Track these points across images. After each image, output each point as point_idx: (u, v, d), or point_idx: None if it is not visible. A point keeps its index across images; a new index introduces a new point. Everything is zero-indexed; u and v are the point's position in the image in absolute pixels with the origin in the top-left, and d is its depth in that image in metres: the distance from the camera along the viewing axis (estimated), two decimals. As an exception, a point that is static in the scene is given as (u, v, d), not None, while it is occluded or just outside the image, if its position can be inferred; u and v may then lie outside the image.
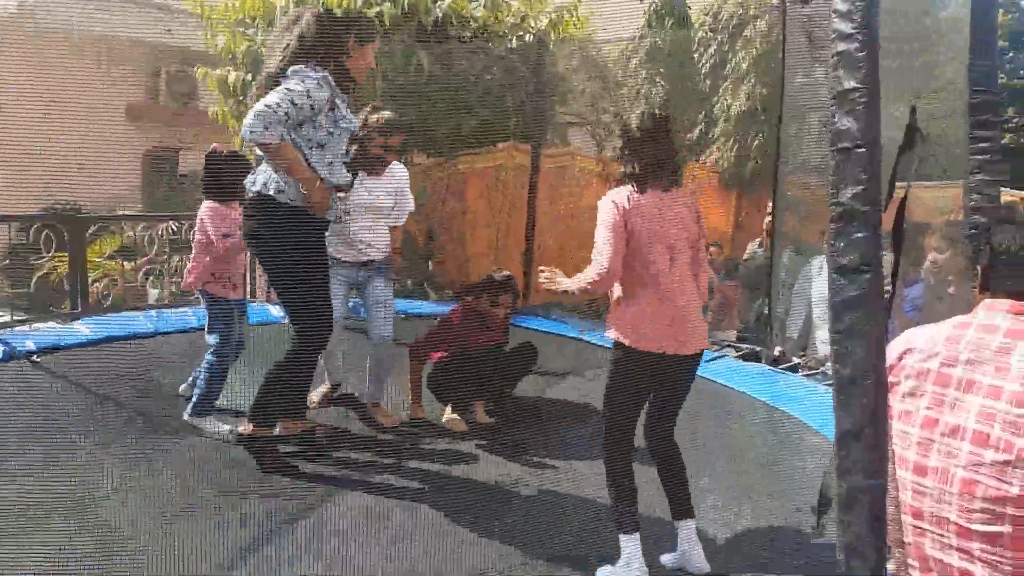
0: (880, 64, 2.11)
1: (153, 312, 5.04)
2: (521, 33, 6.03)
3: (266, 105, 2.88)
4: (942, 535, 1.72)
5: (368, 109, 3.80)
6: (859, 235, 1.59)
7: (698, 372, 3.93)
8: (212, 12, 6.01)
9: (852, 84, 1.56)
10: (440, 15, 5.69)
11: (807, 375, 4.52)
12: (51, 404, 3.65)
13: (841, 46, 1.58)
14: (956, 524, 1.67)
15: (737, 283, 5.88)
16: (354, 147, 3.55)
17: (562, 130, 6.88)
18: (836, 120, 1.61)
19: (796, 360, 4.70)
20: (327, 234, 3.32)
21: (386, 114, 3.80)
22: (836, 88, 1.60)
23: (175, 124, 8.48)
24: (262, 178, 3.07)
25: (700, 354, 2.77)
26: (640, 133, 2.73)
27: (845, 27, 1.56)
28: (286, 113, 2.89)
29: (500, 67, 5.68)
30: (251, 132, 2.86)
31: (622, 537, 2.60)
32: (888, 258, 1.88)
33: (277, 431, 3.27)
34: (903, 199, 2.42)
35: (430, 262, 6.63)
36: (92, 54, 6.93)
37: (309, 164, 3.03)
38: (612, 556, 2.61)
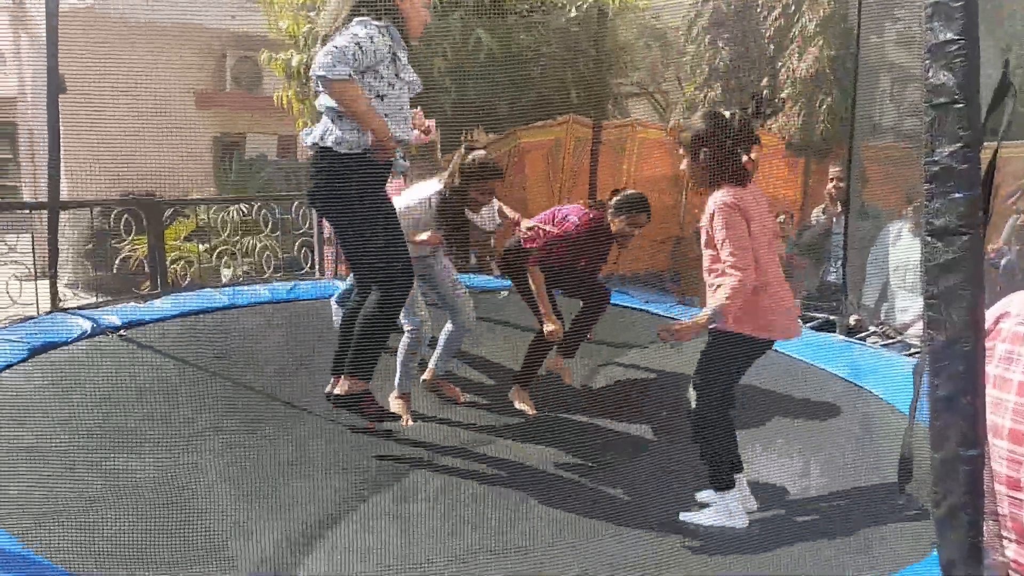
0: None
1: (228, 289, 5.19)
2: (580, 3, 5.93)
3: (335, 46, 2.82)
4: (1043, 506, 1.66)
5: (461, 152, 3.74)
6: (957, 195, 1.52)
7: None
8: (274, -2, 6.09)
9: (949, 36, 1.49)
10: (499, -11, 5.65)
11: (885, 344, 4.38)
12: (145, 373, 3.79)
13: (936, -4, 1.50)
14: (1058, 495, 1.61)
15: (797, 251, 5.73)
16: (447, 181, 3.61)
17: (622, 101, 6.77)
18: (931, 74, 1.54)
19: (873, 329, 4.55)
20: None
21: (479, 154, 3.71)
22: (931, 41, 1.53)
23: (242, 109, 8.67)
24: (319, 130, 3.02)
25: None
26: (731, 133, 2.84)
27: (940, -24, 1.48)
28: (353, 55, 2.83)
29: (559, 40, 5.61)
30: (321, 69, 2.80)
31: (721, 494, 2.81)
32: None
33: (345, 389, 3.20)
34: (992, 159, 2.31)
35: (492, 237, 6.64)
36: (160, 43, 7.13)
37: None
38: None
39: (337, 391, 3.20)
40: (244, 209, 6.23)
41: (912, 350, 4.24)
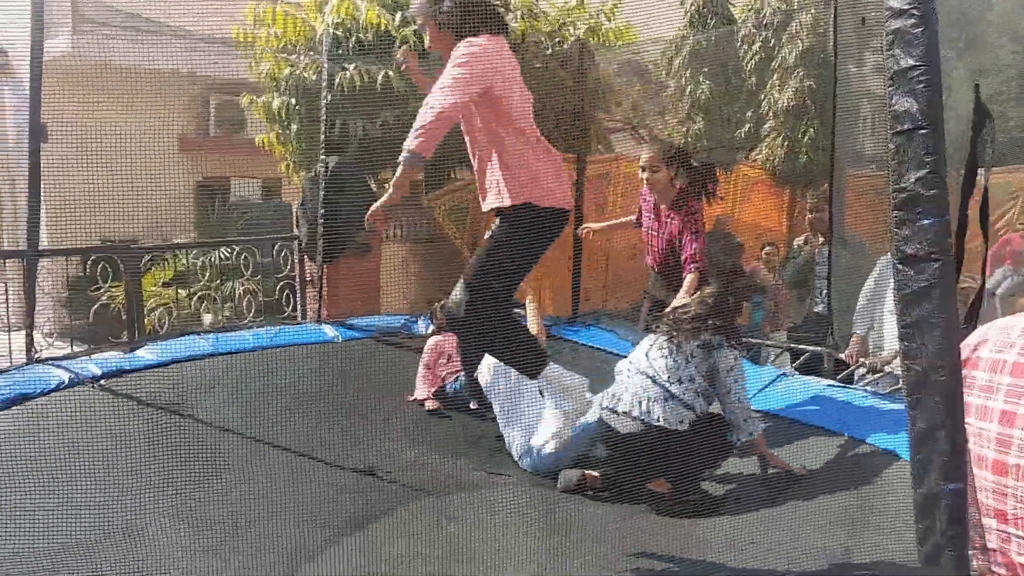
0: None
1: (211, 335, 5.11)
2: (559, 40, 5.99)
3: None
4: (1031, 540, 1.61)
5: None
6: (926, 221, 1.50)
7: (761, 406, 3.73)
8: (255, 40, 6.12)
9: (910, 62, 1.47)
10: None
11: (872, 380, 4.29)
12: (121, 424, 3.70)
13: (895, 23, 1.49)
14: (1046, 527, 1.56)
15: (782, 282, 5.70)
16: None
17: (605, 136, 6.81)
18: (895, 101, 1.52)
19: (862, 360, 4.48)
20: None
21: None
22: (893, 68, 1.52)
23: (225, 153, 8.69)
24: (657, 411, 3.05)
25: None
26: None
27: (899, 3, 1.47)
28: None
29: (539, 77, 5.65)
30: None
31: None
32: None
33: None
34: (985, 187, 2.29)
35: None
36: (143, 88, 7.14)
37: None
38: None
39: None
40: (225, 253, 6.18)
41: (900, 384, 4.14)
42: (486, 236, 3.04)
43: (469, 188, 6.57)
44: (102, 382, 4.20)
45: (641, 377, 3.18)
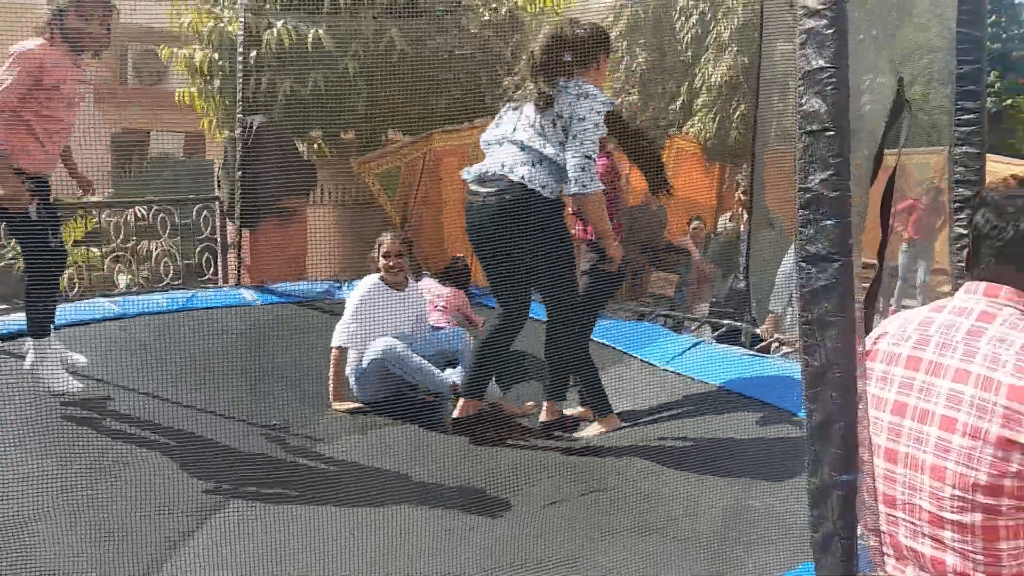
0: (860, 32, 2.03)
1: (120, 299, 4.91)
2: (495, 6, 5.88)
3: (587, 157, 3.15)
4: (914, 523, 1.69)
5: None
6: (828, 222, 1.52)
7: (674, 367, 3.84)
8: (177, -10, 5.83)
9: (820, 64, 1.48)
10: (410, -10, 5.56)
11: (785, 354, 4.46)
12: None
13: (809, 23, 1.49)
14: (928, 512, 1.64)
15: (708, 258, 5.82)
16: None
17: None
18: (804, 101, 1.53)
19: (777, 336, 4.64)
20: None
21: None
22: (804, 67, 1.52)
23: (143, 105, 8.29)
24: (522, 171, 3.20)
25: None
26: None
27: (813, 2, 1.48)
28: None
29: (473, 43, 5.56)
30: (577, 186, 3.19)
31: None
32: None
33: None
34: (892, 171, 2.35)
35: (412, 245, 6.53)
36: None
37: None
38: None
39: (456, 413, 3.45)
40: (141, 212, 5.92)
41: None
42: None
43: (400, 153, 6.45)
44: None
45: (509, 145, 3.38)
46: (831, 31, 1.46)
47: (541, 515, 2.94)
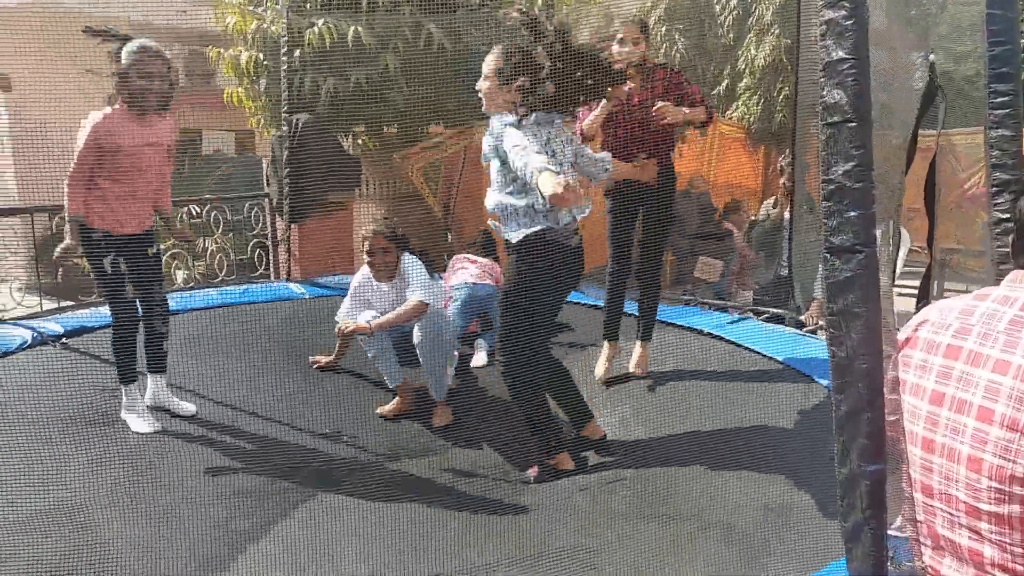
0: (896, 12, 2.00)
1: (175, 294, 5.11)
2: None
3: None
4: (951, 513, 1.67)
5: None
6: (851, 214, 1.52)
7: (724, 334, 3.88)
8: (220, -8, 5.99)
9: (840, 55, 1.48)
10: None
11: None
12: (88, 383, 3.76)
13: (829, 13, 1.49)
14: (965, 503, 1.62)
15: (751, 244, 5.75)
16: None
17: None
18: (826, 92, 1.53)
19: (821, 323, 4.58)
20: None
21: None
22: (825, 58, 1.52)
23: (196, 106, 8.52)
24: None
25: None
26: None
27: (832, -7, 1.47)
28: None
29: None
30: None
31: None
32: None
33: None
34: (934, 156, 2.30)
35: (449, 234, 6.61)
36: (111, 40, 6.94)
37: None
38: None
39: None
40: (195, 210, 6.12)
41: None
42: None
43: (441, 146, 6.52)
44: (64, 340, 4.22)
45: None
46: (850, 21, 1.46)
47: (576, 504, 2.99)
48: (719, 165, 8.39)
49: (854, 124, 1.49)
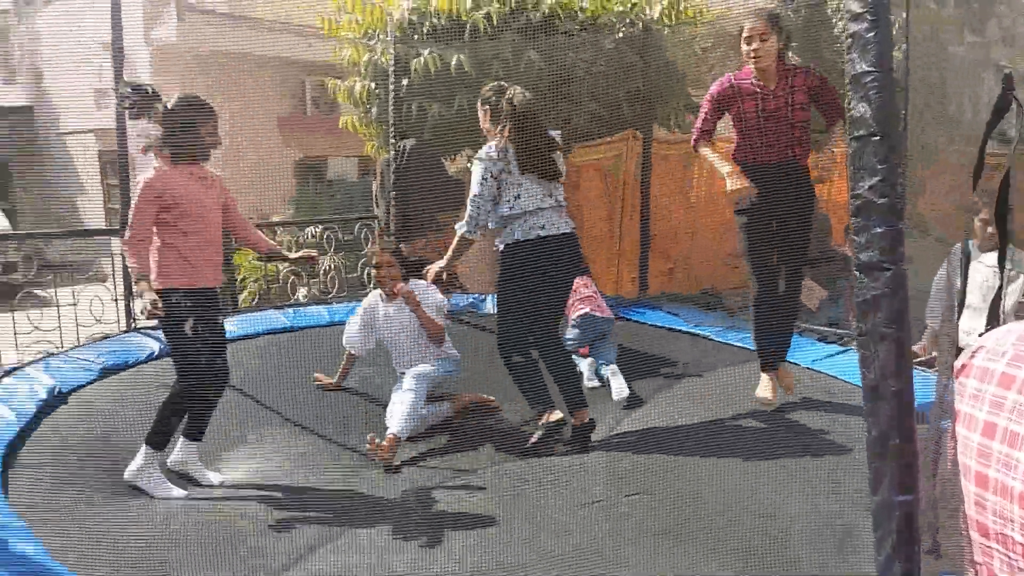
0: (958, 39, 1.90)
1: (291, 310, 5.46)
2: (630, 21, 5.91)
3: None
4: (1008, 556, 1.56)
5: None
6: (878, 229, 1.47)
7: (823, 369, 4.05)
8: (338, 28, 6.38)
9: (864, 67, 1.44)
10: (547, 10, 5.71)
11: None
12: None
13: (852, 27, 1.46)
14: (1021, 545, 1.51)
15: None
16: None
17: (682, 116, 6.66)
18: (852, 106, 1.50)
19: (933, 355, 4.28)
20: None
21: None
22: (850, 72, 1.49)
23: (321, 133, 9.09)
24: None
25: None
26: None
27: (855, 6, 1.44)
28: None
29: (610, 58, 5.61)
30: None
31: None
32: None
33: None
34: (1008, 170, 2.15)
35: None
36: (244, 73, 7.57)
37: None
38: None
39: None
40: (314, 231, 6.52)
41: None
42: None
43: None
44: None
45: None
46: (872, 34, 1.42)
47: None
48: (838, 183, 8.00)
49: (879, 138, 1.45)
